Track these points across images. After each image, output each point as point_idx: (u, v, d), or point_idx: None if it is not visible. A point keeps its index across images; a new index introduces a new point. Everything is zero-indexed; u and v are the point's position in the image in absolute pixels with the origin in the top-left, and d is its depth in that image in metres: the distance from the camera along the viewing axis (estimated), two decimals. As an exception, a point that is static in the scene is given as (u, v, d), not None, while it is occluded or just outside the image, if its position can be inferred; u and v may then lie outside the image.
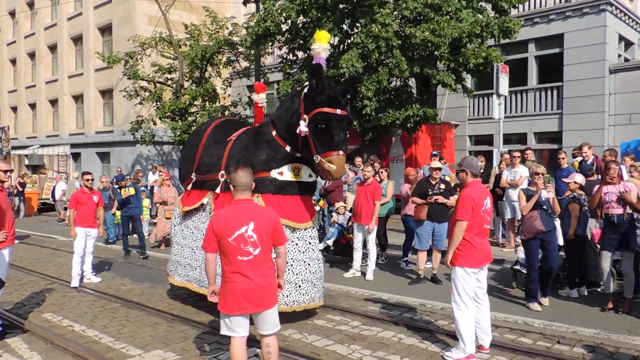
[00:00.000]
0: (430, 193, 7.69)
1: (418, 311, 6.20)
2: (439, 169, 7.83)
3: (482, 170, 10.46)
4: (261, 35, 13.10)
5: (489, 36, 11.99)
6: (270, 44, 14.27)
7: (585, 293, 6.77)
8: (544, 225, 6.15)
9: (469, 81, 15.94)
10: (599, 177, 7.65)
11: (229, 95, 19.51)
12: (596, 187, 6.36)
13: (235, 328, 3.70)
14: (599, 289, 6.64)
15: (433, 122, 13.86)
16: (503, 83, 12.38)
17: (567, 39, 15.45)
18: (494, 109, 12.52)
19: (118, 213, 12.81)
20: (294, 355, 4.72)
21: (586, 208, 6.72)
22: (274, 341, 3.83)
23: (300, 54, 14.79)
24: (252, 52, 16.55)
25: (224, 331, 3.78)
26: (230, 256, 3.62)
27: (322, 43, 5.62)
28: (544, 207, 6.23)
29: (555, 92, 15.89)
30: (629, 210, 6.00)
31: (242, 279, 3.60)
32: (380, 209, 8.13)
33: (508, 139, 15.83)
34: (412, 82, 14.58)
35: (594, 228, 7.57)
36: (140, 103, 18.74)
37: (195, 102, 18.05)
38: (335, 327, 5.60)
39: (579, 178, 6.83)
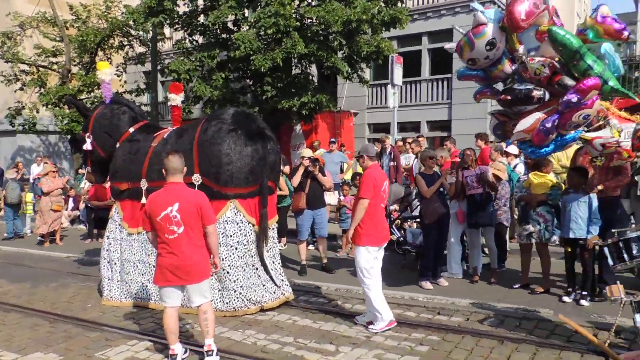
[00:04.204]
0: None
1: (313, 294, 6.37)
2: (304, 157, 7.61)
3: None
4: (154, 9, 12.51)
5: (380, 24, 12.47)
6: (166, 21, 13.65)
7: (466, 268, 7.34)
8: (443, 208, 6.55)
9: (367, 72, 16.51)
10: (394, 164, 9.29)
11: (125, 82, 18.50)
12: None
13: (165, 298, 4.22)
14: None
15: (328, 110, 14.17)
16: (397, 73, 12.95)
17: (456, 33, 16.47)
18: (389, 98, 13.08)
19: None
20: (190, 345, 4.64)
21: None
22: (210, 309, 4.26)
23: (198, 39, 14.43)
24: (148, 35, 15.83)
25: (160, 301, 4.39)
26: (160, 234, 4.11)
27: (103, 69, 6.82)
28: (441, 189, 6.65)
29: (445, 83, 16.92)
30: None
31: (169, 254, 4.08)
32: (280, 199, 8.17)
33: (403, 127, 16.64)
34: (312, 70, 14.81)
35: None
36: (21, 89, 17.13)
37: (84, 88, 16.88)
38: (230, 315, 5.57)
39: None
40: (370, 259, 4.97)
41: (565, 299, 5.82)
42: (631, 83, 16.02)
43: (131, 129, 6.45)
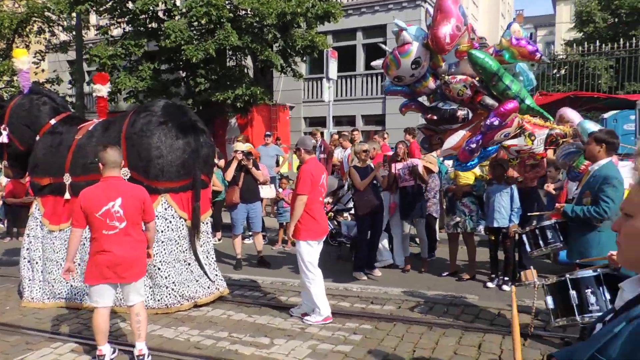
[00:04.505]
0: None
1: (248, 288, 6.33)
2: (237, 150, 7.50)
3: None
4: None
5: (314, 18, 12.56)
6: (92, 8, 13.00)
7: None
8: (377, 200, 6.68)
9: (303, 66, 16.55)
10: (324, 156, 9.42)
11: (43, 70, 17.39)
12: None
13: (97, 297, 4.02)
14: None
15: (262, 102, 14.11)
16: (332, 68, 13.07)
17: (389, 29, 16.86)
18: (324, 92, 13.18)
19: None
20: (119, 344, 4.46)
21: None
22: (142, 310, 4.14)
23: (126, 27, 13.85)
24: (72, 21, 14.99)
25: (89, 301, 4.20)
26: (96, 231, 3.95)
27: (20, 57, 6.31)
28: (374, 181, 6.78)
29: (379, 78, 17.27)
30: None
31: (105, 251, 3.92)
32: (215, 194, 8.07)
33: (339, 121, 16.85)
34: (247, 62, 14.66)
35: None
36: None
37: (3, 78, 15.73)
38: (163, 312, 5.43)
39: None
40: (312, 252, 5.01)
41: (489, 284, 6.16)
42: (550, 80, 17.13)
43: (53, 121, 6.09)
